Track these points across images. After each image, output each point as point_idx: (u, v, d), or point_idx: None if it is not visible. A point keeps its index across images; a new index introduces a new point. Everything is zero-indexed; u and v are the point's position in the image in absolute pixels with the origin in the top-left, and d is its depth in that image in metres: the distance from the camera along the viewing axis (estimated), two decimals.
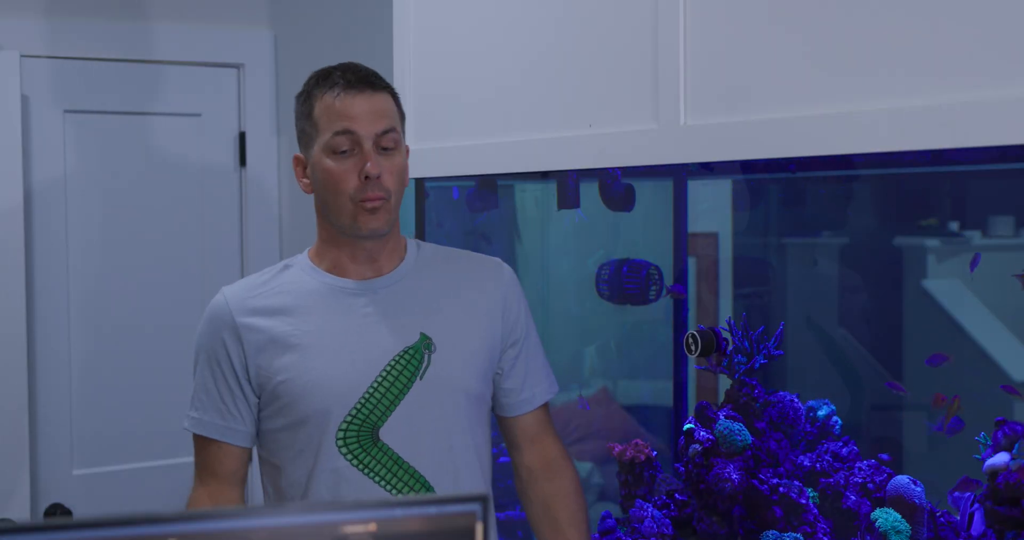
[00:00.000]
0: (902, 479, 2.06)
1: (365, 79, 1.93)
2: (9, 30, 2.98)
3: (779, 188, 2.68)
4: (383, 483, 1.89)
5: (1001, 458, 1.87)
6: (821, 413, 2.34)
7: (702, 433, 2.29)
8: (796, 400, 2.32)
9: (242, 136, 3.28)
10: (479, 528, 1.05)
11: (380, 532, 1.03)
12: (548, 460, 2.07)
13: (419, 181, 2.71)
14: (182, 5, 3.20)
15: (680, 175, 2.55)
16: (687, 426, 2.33)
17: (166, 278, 3.20)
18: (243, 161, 3.29)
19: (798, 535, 2.11)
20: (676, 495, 2.37)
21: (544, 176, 2.70)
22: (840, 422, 2.34)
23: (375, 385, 1.89)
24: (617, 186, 2.51)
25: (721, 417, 2.27)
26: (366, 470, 1.88)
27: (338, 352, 1.89)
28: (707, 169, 2.40)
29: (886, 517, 2.05)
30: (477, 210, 2.86)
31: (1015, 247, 2.29)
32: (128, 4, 3.14)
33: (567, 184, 2.57)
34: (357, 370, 1.89)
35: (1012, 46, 1.46)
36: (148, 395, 3.18)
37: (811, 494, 2.19)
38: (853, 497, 2.13)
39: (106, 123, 3.12)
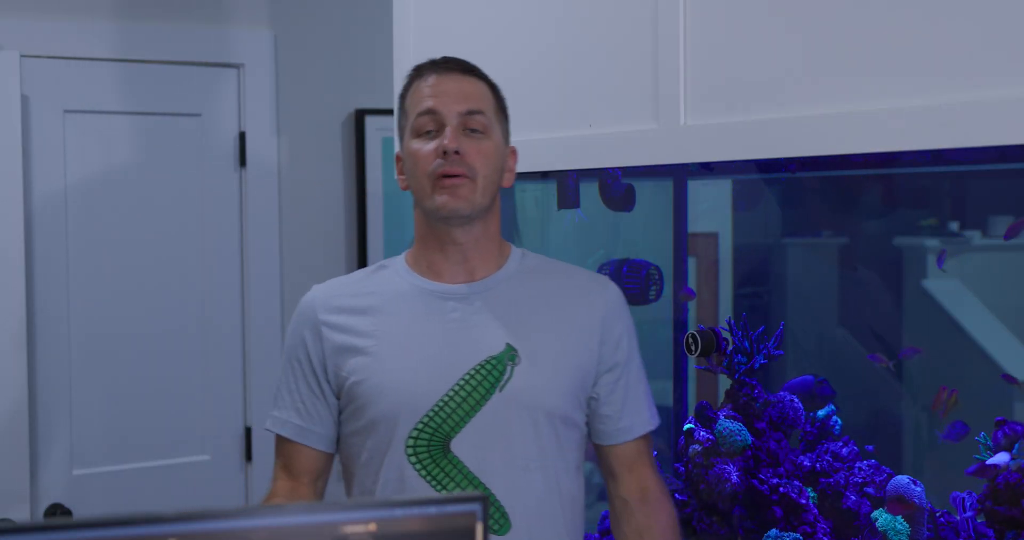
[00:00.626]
0: (902, 479, 2.06)
1: (456, 64, 1.87)
2: (9, 30, 2.98)
3: (779, 188, 2.67)
4: None
5: (1001, 458, 1.87)
6: (821, 413, 2.35)
7: (702, 433, 2.29)
8: (796, 400, 2.32)
9: (242, 136, 3.28)
10: (479, 528, 1.05)
11: (380, 532, 1.03)
12: (644, 491, 1.92)
13: None
14: (182, 5, 3.20)
15: (680, 175, 2.55)
16: (687, 426, 2.33)
17: (166, 278, 3.20)
18: (243, 161, 3.29)
19: (798, 535, 2.11)
20: (676, 495, 2.37)
21: (544, 176, 2.70)
22: (840, 422, 2.34)
23: (451, 393, 1.79)
24: (617, 186, 2.51)
25: (721, 417, 2.27)
26: (434, 482, 1.79)
27: (416, 356, 1.81)
28: (707, 169, 2.40)
29: (886, 517, 2.05)
30: None
31: (1015, 247, 2.29)
32: (128, 4, 3.14)
33: (567, 184, 2.57)
34: (433, 376, 1.80)
35: (1012, 46, 1.46)
36: (148, 395, 3.18)
37: (811, 494, 2.19)
38: (853, 497, 2.13)
39: (106, 123, 3.12)
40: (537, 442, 1.81)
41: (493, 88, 1.89)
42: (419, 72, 1.87)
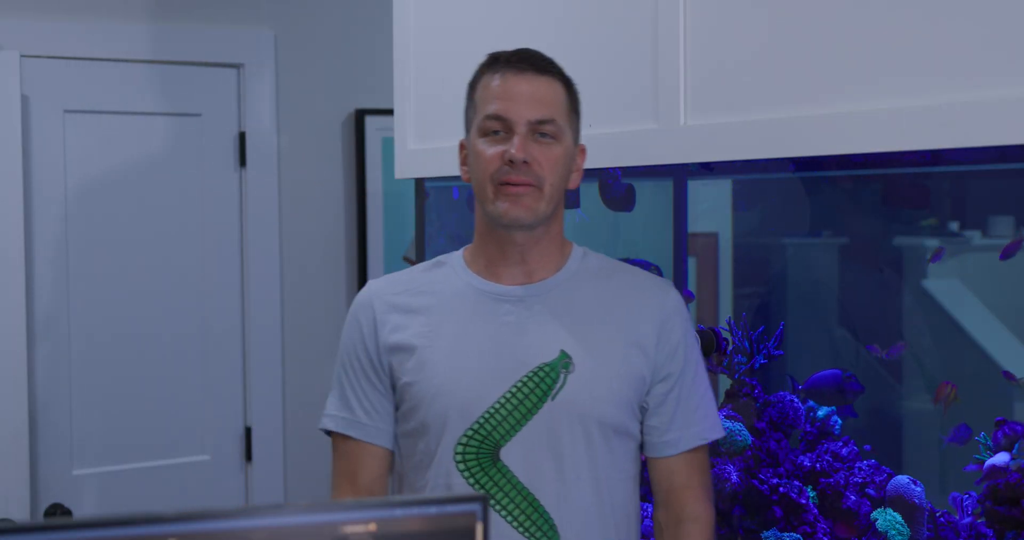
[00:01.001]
0: (902, 479, 2.06)
1: (530, 60, 1.76)
2: (9, 30, 2.98)
3: (779, 188, 2.67)
4: (499, 507, 1.74)
5: (1001, 458, 1.88)
6: (821, 413, 2.35)
7: None
8: (796, 400, 2.32)
9: (242, 136, 3.28)
10: (479, 528, 1.05)
11: (380, 532, 1.03)
12: (679, 517, 1.82)
13: (419, 181, 2.71)
14: (182, 5, 3.20)
15: (680, 175, 2.55)
16: None
17: (166, 278, 3.20)
18: (243, 161, 3.29)
19: (798, 535, 2.11)
20: None
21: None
22: (840, 422, 2.34)
23: (503, 400, 1.74)
24: (617, 186, 2.51)
25: (721, 417, 2.27)
26: (481, 490, 1.74)
27: (468, 359, 1.76)
28: (707, 169, 2.40)
29: (886, 517, 2.05)
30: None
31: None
32: (128, 4, 3.14)
33: None
34: (485, 381, 1.75)
35: (1012, 46, 1.46)
36: (148, 395, 3.18)
37: (811, 494, 2.19)
38: (853, 497, 2.13)
39: (106, 123, 3.12)
40: (588, 453, 1.75)
41: (568, 86, 1.80)
42: (492, 65, 1.78)
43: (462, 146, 1.84)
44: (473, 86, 1.81)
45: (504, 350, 1.76)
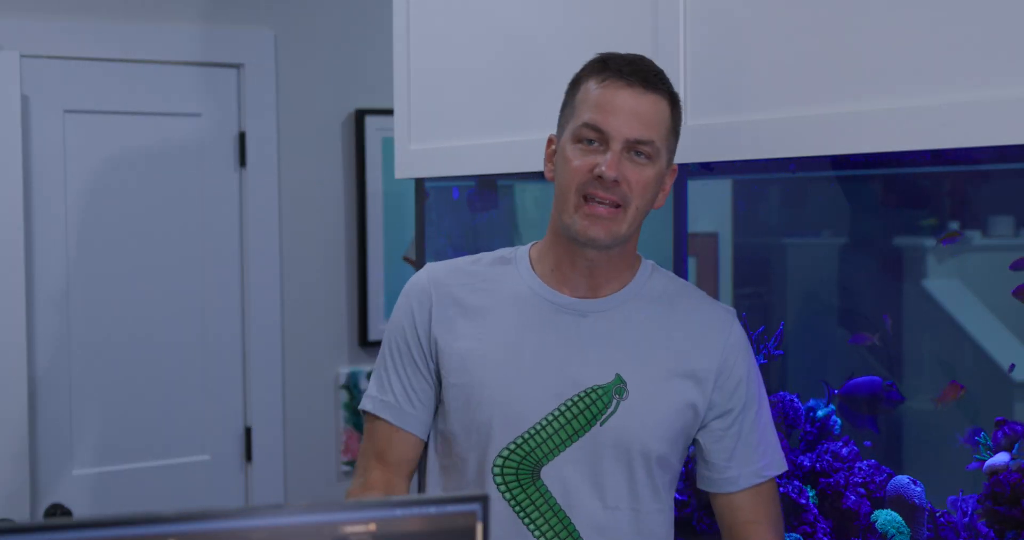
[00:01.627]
0: (902, 479, 2.06)
1: (640, 73, 1.66)
2: (9, 30, 2.98)
3: (779, 188, 2.68)
4: (533, 528, 1.68)
5: (1001, 458, 1.88)
6: (821, 413, 2.35)
7: None
8: (796, 400, 2.32)
9: (242, 136, 3.28)
10: (479, 528, 1.05)
11: (380, 532, 1.03)
12: None
13: (419, 181, 2.71)
14: (182, 5, 3.20)
15: (680, 175, 2.55)
16: None
17: (166, 278, 3.20)
18: (243, 161, 3.29)
19: (798, 535, 2.11)
20: (676, 495, 2.37)
21: (544, 176, 2.69)
22: (840, 422, 2.34)
23: (551, 418, 1.67)
24: None
25: None
26: (518, 509, 1.68)
27: (520, 371, 1.69)
28: (707, 169, 2.40)
29: (886, 517, 2.05)
30: (477, 210, 2.85)
31: (1015, 247, 2.29)
32: (128, 4, 3.14)
33: None
34: (536, 396, 1.68)
35: (1012, 46, 1.46)
36: (148, 395, 3.18)
37: (811, 494, 2.19)
38: (853, 497, 2.13)
39: (106, 123, 3.12)
40: (629, 483, 1.69)
41: (674, 105, 1.70)
42: (601, 70, 1.68)
43: (550, 141, 1.75)
44: (576, 85, 1.72)
45: (559, 366, 1.69)
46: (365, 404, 1.80)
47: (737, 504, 1.77)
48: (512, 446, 1.68)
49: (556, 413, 1.67)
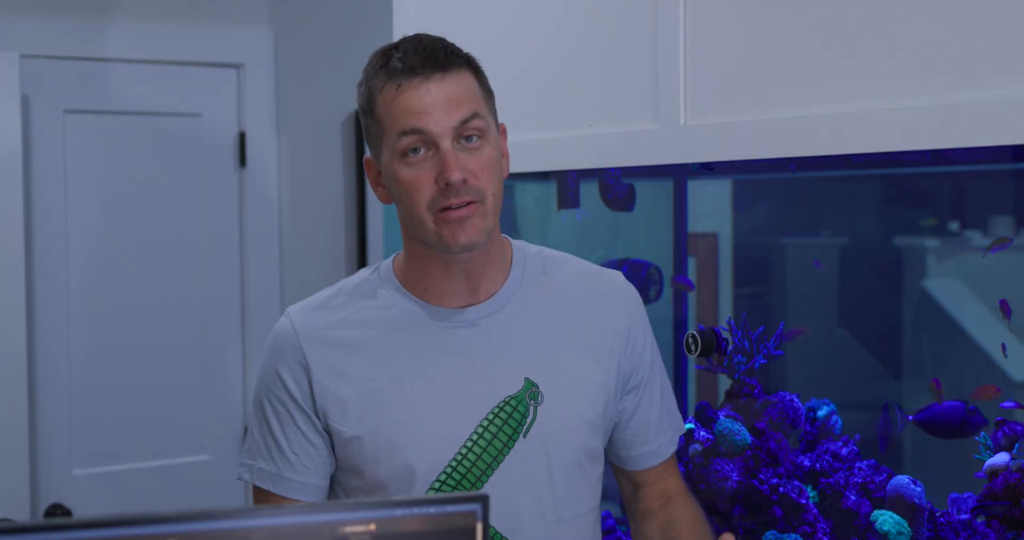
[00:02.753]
0: (902, 479, 2.06)
1: (431, 58, 1.50)
2: (9, 30, 2.98)
3: (779, 188, 2.68)
4: None
5: (1001, 458, 1.88)
6: (821, 413, 2.35)
7: (702, 433, 2.29)
8: (796, 400, 2.32)
9: (242, 136, 3.28)
10: (479, 528, 1.05)
11: (380, 532, 1.03)
12: (668, 496, 1.71)
13: None
14: (182, 5, 3.20)
15: (680, 175, 2.55)
16: (687, 426, 2.33)
17: (166, 278, 3.20)
18: (243, 161, 3.29)
19: (798, 535, 2.11)
20: None
21: (544, 176, 2.70)
22: (840, 422, 2.34)
23: (470, 443, 1.53)
24: (617, 186, 2.51)
25: (721, 417, 2.27)
26: None
27: (426, 402, 1.53)
28: (707, 169, 2.40)
29: (886, 517, 2.05)
30: None
31: (1015, 247, 2.29)
32: (128, 4, 3.14)
33: (567, 184, 2.57)
34: (449, 425, 1.53)
35: (1012, 46, 1.46)
36: (148, 395, 3.18)
37: (811, 494, 2.19)
38: (853, 497, 2.13)
39: (106, 123, 3.12)
40: (567, 488, 1.59)
41: (475, 70, 1.56)
42: (386, 69, 1.54)
43: (368, 164, 1.61)
44: (368, 96, 1.57)
45: (464, 386, 1.54)
46: (244, 474, 1.61)
47: (657, 476, 1.71)
48: (437, 484, 1.53)
49: (475, 437, 1.54)
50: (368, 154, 1.62)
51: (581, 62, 2.14)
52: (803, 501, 2.13)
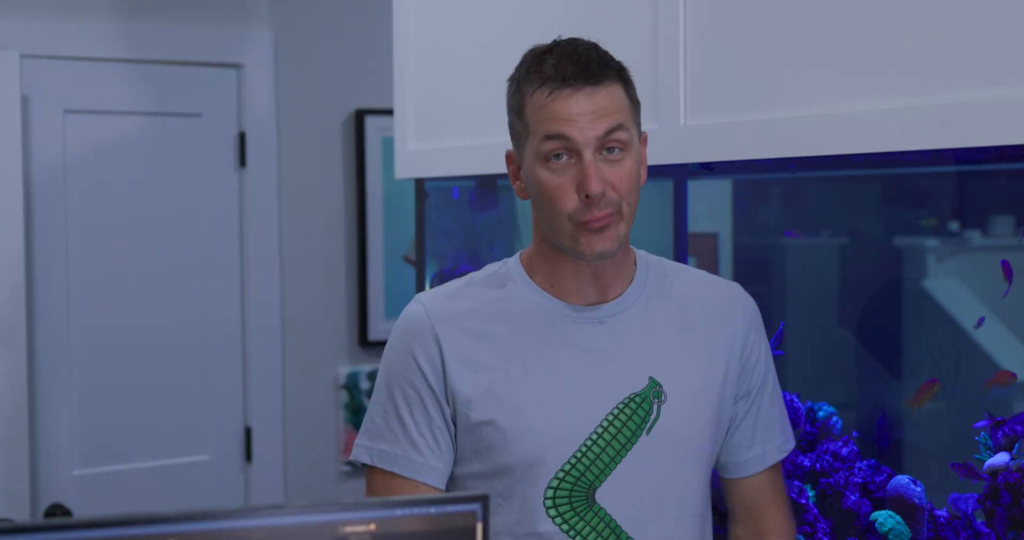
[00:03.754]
0: (902, 479, 2.06)
1: (585, 70, 1.52)
2: (9, 30, 2.98)
3: (779, 188, 2.67)
4: None
5: (1001, 458, 1.87)
6: (821, 413, 2.35)
7: None
8: (796, 400, 2.32)
9: (242, 136, 3.28)
10: (479, 528, 1.05)
11: (380, 532, 1.03)
12: (762, 531, 1.72)
13: (419, 181, 2.71)
14: (182, 5, 3.20)
15: (680, 175, 2.55)
16: None
17: (166, 278, 3.20)
18: (243, 161, 3.29)
19: (798, 535, 2.11)
20: None
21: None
22: (840, 422, 2.34)
23: (595, 436, 1.57)
24: None
25: None
26: (578, 537, 1.56)
27: (554, 393, 1.57)
28: (707, 169, 2.40)
29: (886, 518, 2.05)
30: (477, 210, 2.85)
31: (1015, 247, 2.28)
32: (128, 4, 3.14)
33: None
34: (576, 417, 1.57)
35: (1012, 46, 1.46)
36: (148, 395, 3.18)
37: (811, 494, 2.19)
38: (853, 497, 2.13)
39: (106, 123, 3.12)
40: (688, 488, 1.61)
41: (625, 81, 1.58)
42: (539, 74, 1.55)
43: (510, 157, 1.63)
44: (518, 95, 1.59)
45: (591, 380, 1.58)
46: (362, 456, 1.63)
47: (759, 485, 1.72)
48: (561, 474, 1.56)
49: (599, 431, 1.57)
50: (511, 149, 1.63)
51: None
52: (803, 501, 2.13)
